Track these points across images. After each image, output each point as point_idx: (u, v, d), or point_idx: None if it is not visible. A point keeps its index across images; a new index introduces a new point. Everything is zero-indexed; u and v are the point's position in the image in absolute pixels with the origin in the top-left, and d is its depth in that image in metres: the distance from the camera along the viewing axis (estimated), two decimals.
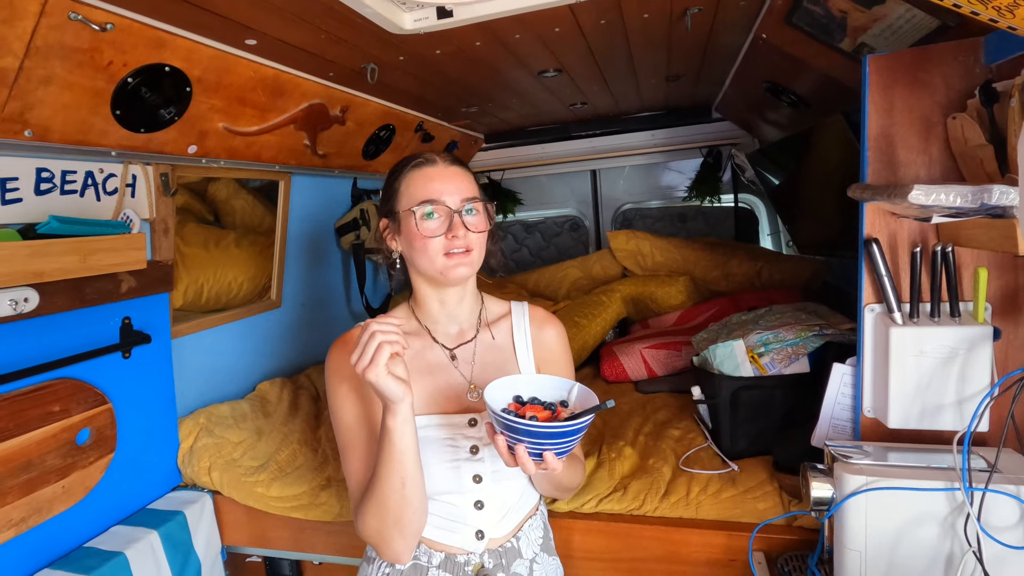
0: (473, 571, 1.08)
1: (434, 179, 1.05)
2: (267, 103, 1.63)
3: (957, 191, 0.84)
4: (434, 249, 1.03)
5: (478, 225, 1.06)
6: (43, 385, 1.35)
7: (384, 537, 0.99)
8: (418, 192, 1.05)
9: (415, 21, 1.38)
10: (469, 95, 2.22)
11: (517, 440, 0.87)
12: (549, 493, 1.20)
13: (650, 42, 1.72)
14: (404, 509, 0.96)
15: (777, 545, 1.33)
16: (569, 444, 0.88)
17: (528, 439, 0.85)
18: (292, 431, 1.84)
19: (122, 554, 1.42)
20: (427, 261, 1.04)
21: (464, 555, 1.08)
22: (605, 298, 2.59)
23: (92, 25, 1.07)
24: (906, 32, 1.18)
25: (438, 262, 1.03)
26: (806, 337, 1.54)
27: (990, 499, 0.94)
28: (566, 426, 0.85)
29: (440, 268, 1.04)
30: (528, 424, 0.84)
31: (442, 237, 1.03)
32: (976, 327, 1.05)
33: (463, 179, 1.07)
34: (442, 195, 1.04)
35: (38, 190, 1.30)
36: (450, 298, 1.12)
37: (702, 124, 3.05)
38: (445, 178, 1.05)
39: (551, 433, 0.85)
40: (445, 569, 1.07)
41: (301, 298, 2.44)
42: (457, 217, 1.03)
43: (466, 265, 1.04)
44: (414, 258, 1.06)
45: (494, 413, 0.88)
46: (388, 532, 0.98)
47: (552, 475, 1.07)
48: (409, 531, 0.99)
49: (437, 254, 1.03)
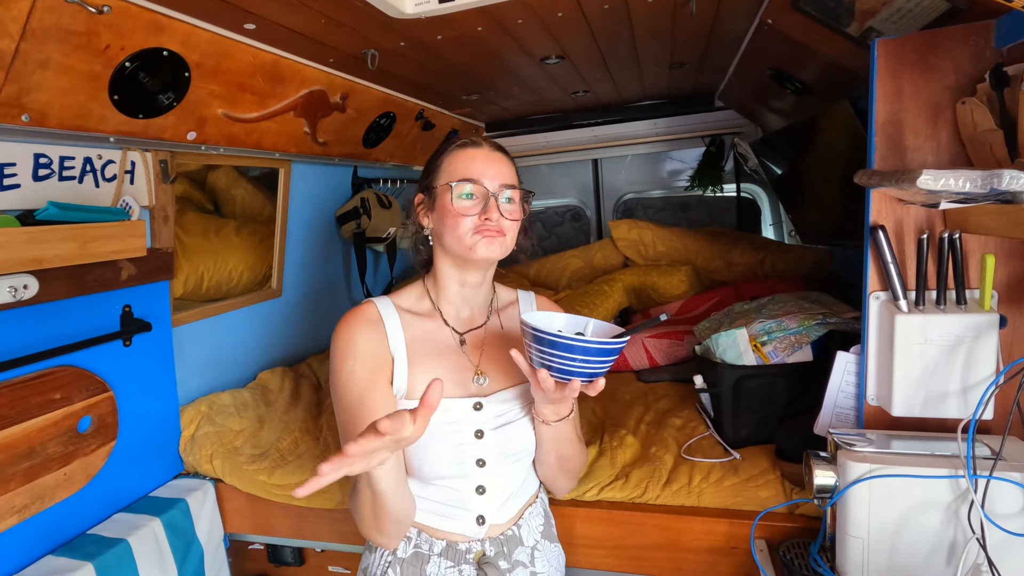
0: (475, 559, 1.08)
1: (476, 159, 1.06)
2: (267, 89, 1.61)
3: (967, 176, 0.83)
4: (465, 227, 1.03)
5: (513, 212, 1.06)
6: (44, 373, 1.35)
7: (365, 532, 1.02)
8: (458, 170, 1.05)
9: (416, 5, 1.36)
10: (470, 82, 2.20)
11: (564, 361, 0.88)
12: (553, 472, 1.17)
13: (654, 28, 1.70)
14: (379, 519, 0.97)
15: (779, 533, 1.33)
16: (608, 362, 0.91)
17: (581, 356, 0.87)
18: (294, 419, 1.84)
19: (125, 541, 1.42)
20: (456, 239, 1.04)
21: (465, 542, 1.08)
22: (607, 287, 2.58)
23: (89, 7, 1.06)
24: (915, 15, 1.16)
25: (467, 240, 1.03)
26: (809, 325, 1.54)
27: (994, 487, 0.94)
28: (618, 342, 0.88)
29: (469, 244, 1.03)
30: (583, 341, 0.86)
31: (475, 217, 1.03)
32: (982, 315, 1.04)
33: (505, 165, 1.08)
34: (482, 176, 1.04)
35: (36, 176, 1.28)
36: (471, 280, 1.12)
37: (705, 113, 3.02)
38: (487, 161, 1.06)
39: (605, 350, 0.88)
40: (446, 557, 1.07)
41: (302, 287, 2.43)
42: (493, 200, 1.04)
43: (496, 244, 1.04)
44: (444, 234, 1.06)
45: (546, 334, 0.88)
46: (367, 530, 1.02)
47: (567, 433, 1.09)
48: (390, 531, 1.01)
49: (467, 232, 1.03)
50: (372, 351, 1.05)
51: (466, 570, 1.07)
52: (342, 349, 1.05)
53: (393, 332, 1.08)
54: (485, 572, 1.07)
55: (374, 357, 1.05)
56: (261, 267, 2.38)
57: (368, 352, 1.05)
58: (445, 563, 1.07)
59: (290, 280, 2.35)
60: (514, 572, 1.09)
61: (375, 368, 1.04)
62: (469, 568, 1.07)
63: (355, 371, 1.03)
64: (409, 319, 1.11)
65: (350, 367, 1.04)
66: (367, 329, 1.07)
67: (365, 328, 1.07)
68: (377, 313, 1.10)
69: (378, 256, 2.96)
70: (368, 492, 0.92)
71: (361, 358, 1.04)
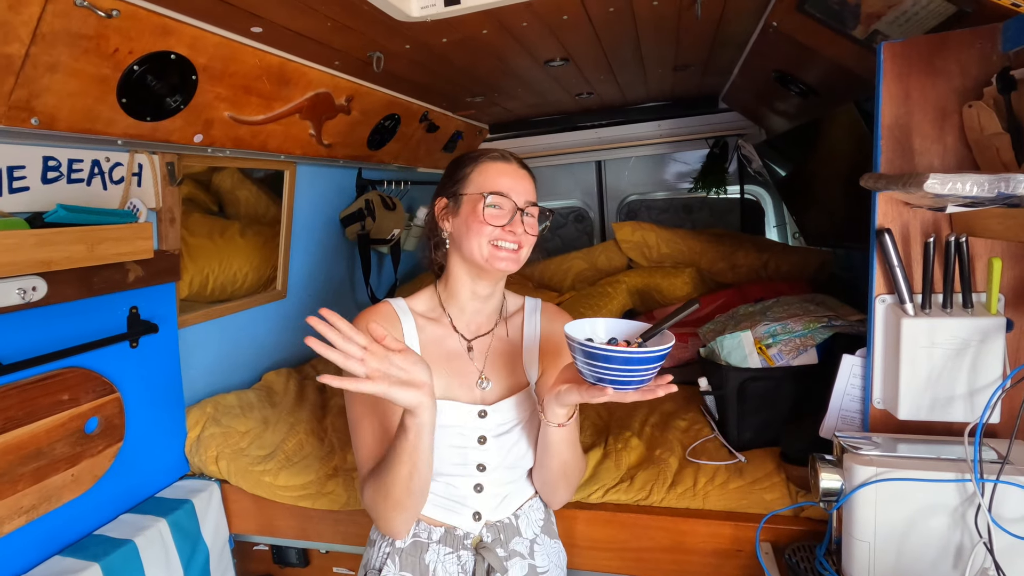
0: (472, 544, 1.10)
1: (507, 174, 1.11)
2: (273, 92, 1.62)
3: (974, 180, 0.83)
4: (487, 236, 1.06)
5: (533, 228, 1.11)
6: (52, 374, 1.35)
7: (382, 515, 1.02)
8: (489, 182, 1.09)
9: (422, 9, 1.37)
10: (475, 84, 2.20)
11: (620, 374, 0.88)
12: (553, 480, 1.15)
13: (659, 30, 1.70)
14: (406, 496, 0.98)
15: (784, 536, 1.33)
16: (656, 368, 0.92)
17: (638, 367, 0.88)
18: (299, 420, 1.84)
19: (131, 542, 1.43)
20: (477, 246, 1.07)
21: (462, 531, 1.11)
22: (611, 289, 2.58)
23: (98, 11, 1.07)
24: (921, 18, 1.16)
25: (486, 250, 1.06)
26: (815, 328, 1.54)
27: (1001, 490, 0.93)
28: (666, 348, 0.89)
29: (487, 255, 1.06)
30: (638, 352, 0.87)
31: (498, 228, 1.07)
32: (989, 318, 1.04)
33: (530, 183, 1.14)
34: (512, 191, 1.09)
35: (45, 179, 1.29)
36: (483, 290, 1.15)
37: (709, 114, 3.02)
38: (517, 177, 1.11)
39: (656, 357, 0.88)
40: (445, 543, 1.10)
41: (306, 288, 2.44)
42: (519, 215, 1.08)
43: (513, 261, 1.08)
44: (465, 241, 1.09)
45: (600, 349, 0.87)
46: (387, 512, 1.01)
47: (573, 436, 1.09)
48: (408, 514, 1.02)
49: (489, 241, 1.07)
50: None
51: (464, 556, 1.09)
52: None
53: (409, 333, 1.12)
54: (483, 557, 1.08)
55: None
56: (266, 268, 2.39)
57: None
58: (444, 549, 1.09)
59: (295, 281, 2.35)
60: (511, 561, 1.11)
61: None
62: (467, 554, 1.09)
63: None
64: (422, 322, 1.14)
65: None
66: (384, 326, 1.07)
67: (382, 324, 1.07)
68: (394, 313, 1.13)
69: (382, 257, 2.96)
70: (404, 469, 0.94)
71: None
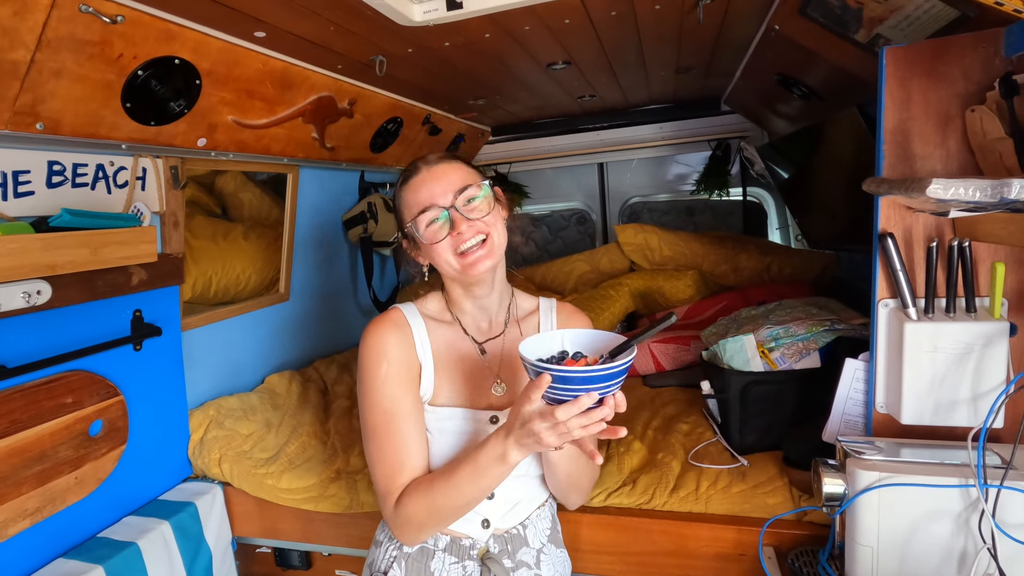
0: (478, 555, 1.10)
1: (422, 185, 1.05)
2: (276, 96, 1.62)
3: (976, 185, 0.83)
4: (445, 251, 1.04)
5: (480, 210, 1.05)
6: (56, 377, 1.36)
7: (423, 530, 1.03)
8: (412, 203, 1.05)
9: (424, 13, 1.37)
10: (477, 87, 2.21)
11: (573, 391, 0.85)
12: (563, 489, 1.17)
13: (661, 33, 1.71)
14: (455, 518, 1.01)
15: (787, 540, 1.33)
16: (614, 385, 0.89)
17: (593, 384, 0.85)
18: (301, 423, 1.84)
19: (135, 544, 1.43)
20: (445, 264, 1.05)
21: (469, 539, 1.10)
22: (613, 292, 2.58)
23: (103, 17, 1.07)
24: (924, 23, 1.16)
25: (454, 262, 1.04)
26: (817, 332, 1.53)
27: (1005, 496, 0.93)
28: (617, 366, 0.86)
29: (459, 267, 1.04)
30: (588, 370, 0.84)
31: (448, 238, 1.03)
32: (992, 323, 1.03)
33: (452, 172, 1.06)
34: (433, 197, 1.03)
35: (50, 183, 1.30)
36: (479, 292, 1.13)
37: (711, 117, 3.02)
38: (432, 180, 1.05)
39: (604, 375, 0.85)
40: (450, 552, 1.09)
41: (309, 291, 2.45)
42: (454, 212, 1.03)
43: (487, 256, 1.04)
44: (437, 264, 1.08)
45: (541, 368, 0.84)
46: (431, 528, 1.03)
47: (574, 453, 1.08)
48: (443, 529, 1.05)
49: (450, 255, 1.04)
50: (403, 355, 1.07)
51: (470, 566, 1.09)
52: (374, 353, 1.06)
53: (420, 338, 1.11)
54: (488, 568, 1.07)
55: (406, 361, 1.07)
56: (268, 271, 2.39)
57: (400, 356, 1.07)
58: (449, 559, 1.08)
59: (297, 284, 2.36)
60: (518, 572, 1.10)
61: (407, 372, 1.07)
62: (473, 564, 1.09)
63: (391, 375, 1.05)
64: (433, 326, 1.13)
65: (385, 371, 1.05)
66: (398, 334, 1.09)
67: (396, 333, 1.08)
68: (405, 319, 1.12)
69: (384, 260, 2.97)
70: (473, 498, 0.98)
71: (395, 362, 1.06)
